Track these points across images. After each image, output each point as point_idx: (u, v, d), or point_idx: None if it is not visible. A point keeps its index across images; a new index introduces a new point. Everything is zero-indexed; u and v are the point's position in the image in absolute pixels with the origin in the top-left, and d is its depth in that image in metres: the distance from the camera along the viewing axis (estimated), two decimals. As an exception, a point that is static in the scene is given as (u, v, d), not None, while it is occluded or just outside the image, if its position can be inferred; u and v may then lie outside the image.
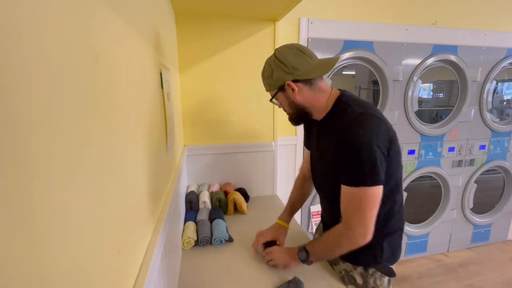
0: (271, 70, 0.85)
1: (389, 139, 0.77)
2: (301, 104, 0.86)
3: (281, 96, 0.88)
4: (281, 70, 0.82)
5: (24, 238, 0.21)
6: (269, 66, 0.86)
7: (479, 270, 2.23)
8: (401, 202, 0.89)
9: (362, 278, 0.90)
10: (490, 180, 2.49)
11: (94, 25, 0.35)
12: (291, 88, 0.83)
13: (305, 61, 0.82)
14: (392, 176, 0.81)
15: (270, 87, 0.89)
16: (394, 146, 0.79)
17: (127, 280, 0.44)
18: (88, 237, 0.31)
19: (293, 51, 0.83)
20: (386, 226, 0.86)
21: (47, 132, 0.24)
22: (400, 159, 0.85)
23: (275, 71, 0.84)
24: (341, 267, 0.94)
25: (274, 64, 0.84)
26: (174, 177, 1.01)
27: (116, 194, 0.41)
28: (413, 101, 2.02)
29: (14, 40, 0.20)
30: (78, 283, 0.29)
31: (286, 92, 0.85)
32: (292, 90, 0.83)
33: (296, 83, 0.82)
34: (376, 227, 0.79)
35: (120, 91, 0.44)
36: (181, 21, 1.38)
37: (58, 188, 0.25)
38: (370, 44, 1.84)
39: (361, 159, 0.73)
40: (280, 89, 0.86)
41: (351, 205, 0.78)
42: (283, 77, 0.83)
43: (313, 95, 0.85)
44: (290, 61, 0.81)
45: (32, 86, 0.22)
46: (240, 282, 0.90)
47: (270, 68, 0.85)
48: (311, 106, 0.87)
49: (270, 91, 0.91)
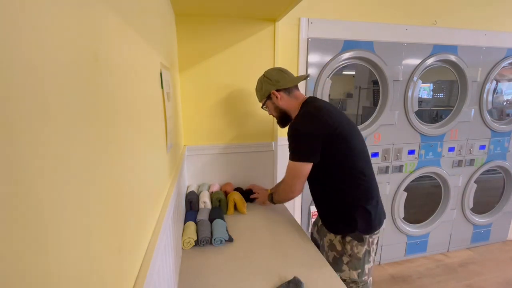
0: (261, 85, 1.22)
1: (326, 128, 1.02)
2: (283, 108, 1.19)
3: (269, 103, 1.22)
4: (267, 83, 1.18)
5: (24, 238, 0.21)
6: (259, 82, 1.23)
7: (479, 270, 2.23)
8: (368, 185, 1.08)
9: (340, 245, 1.10)
10: (490, 180, 2.49)
11: (94, 25, 0.35)
12: (275, 96, 1.17)
13: (284, 76, 1.18)
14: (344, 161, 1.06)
15: (261, 97, 1.24)
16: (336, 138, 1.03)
17: (127, 280, 0.44)
18: (88, 237, 0.31)
19: (276, 70, 1.21)
20: (354, 201, 1.07)
21: (47, 132, 0.24)
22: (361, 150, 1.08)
23: (263, 84, 1.20)
24: (328, 237, 1.14)
25: (263, 80, 1.21)
26: (174, 177, 1.01)
27: (116, 194, 0.41)
28: (413, 101, 2.02)
29: (13, 40, 0.20)
30: (78, 283, 0.29)
31: (272, 99, 1.19)
32: (276, 97, 1.17)
33: (278, 92, 1.17)
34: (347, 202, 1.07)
35: (120, 91, 0.44)
36: (181, 21, 1.38)
37: (58, 188, 0.25)
38: (370, 44, 1.84)
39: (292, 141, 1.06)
40: (268, 97, 1.20)
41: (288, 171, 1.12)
42: (269, 88, 1.18)
43: (290, 101, 1.18)
44: (274, 76, 1.18)
45: (31, 86, 0.22)
46: (240, 282, 0.90)
47: (260, 83, 1.22)
48: (290, 110, 1.18)
49: (261, 101, 1.25)
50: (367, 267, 1.09)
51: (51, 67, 0.25)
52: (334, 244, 1.11)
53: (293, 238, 1.16)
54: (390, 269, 2.23)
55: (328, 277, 0.92)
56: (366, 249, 1.06)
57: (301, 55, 1.73)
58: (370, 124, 2.01)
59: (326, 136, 1.01)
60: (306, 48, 1.72)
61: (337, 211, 1.10)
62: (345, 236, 1.08)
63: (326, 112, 1.05)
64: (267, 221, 1.32)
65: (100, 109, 0.36)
